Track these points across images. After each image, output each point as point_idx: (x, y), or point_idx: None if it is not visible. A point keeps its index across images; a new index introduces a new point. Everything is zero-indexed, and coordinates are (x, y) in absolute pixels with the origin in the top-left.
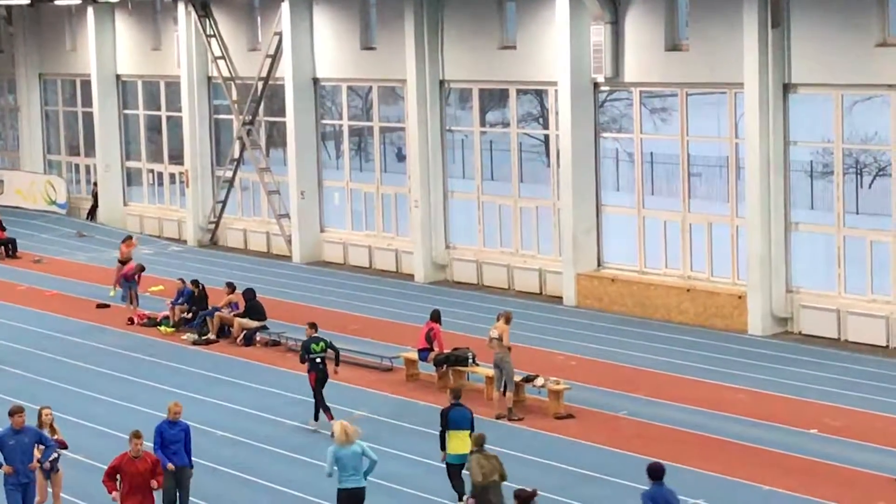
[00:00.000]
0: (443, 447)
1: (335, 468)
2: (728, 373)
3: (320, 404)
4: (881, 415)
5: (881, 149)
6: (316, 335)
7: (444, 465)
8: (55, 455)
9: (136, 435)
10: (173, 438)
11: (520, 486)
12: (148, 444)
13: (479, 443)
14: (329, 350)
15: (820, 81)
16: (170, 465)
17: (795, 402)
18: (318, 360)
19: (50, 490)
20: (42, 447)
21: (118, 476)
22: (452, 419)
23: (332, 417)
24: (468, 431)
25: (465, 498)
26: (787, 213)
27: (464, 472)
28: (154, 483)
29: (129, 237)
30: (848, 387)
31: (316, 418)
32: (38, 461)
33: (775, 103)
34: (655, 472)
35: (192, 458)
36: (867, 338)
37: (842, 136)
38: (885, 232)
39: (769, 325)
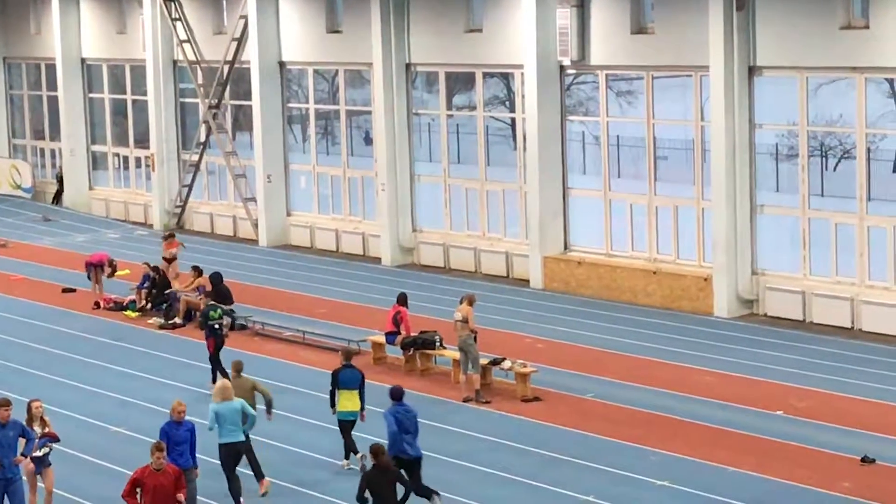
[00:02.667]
0: (332, 405)
1: (216, 424)
2: (694, 355)
3: (217, 368)
4: (846, 396)
5: (846, 131)
6: (213, 303)
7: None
8: (47, 449)
9: (159, 448)
10: (179, 439)
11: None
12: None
13: (237, 368)
14: (225, 317)
15: (785, 64)
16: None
17: (761, 384)
18: (217, 326)
19: (41, 484)
20: (27, 440)
21: (139, 490)
22: (342, 380)
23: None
24: (357, 391)
25: (359, 455)
26: (752, 196)
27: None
28: (181, 496)
29: (171, 235)
30: (813, 368)
31: (214, 381)
32: (23, 455)
33: (741, 86)
34: (396, 394)
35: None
36: (832, 319)
37: (807, 119)
38: (849, 214)
39: (735, 307)
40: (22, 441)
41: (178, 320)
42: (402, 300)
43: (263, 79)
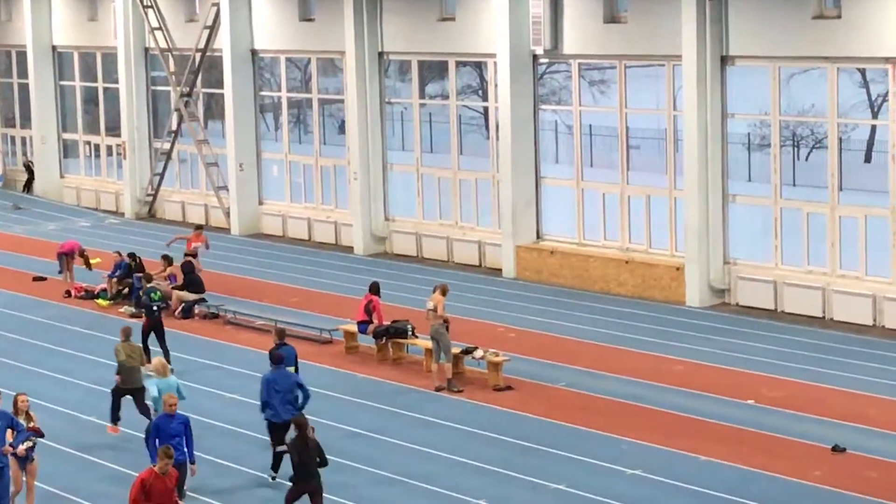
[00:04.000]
0: None
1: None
2: (666, 344)
3: (146, 347)
4: (818, 385)
5: (818, 121)
6: (151, 285)
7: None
8: (31, 443)
9: (168, 454)
10: (173, 432)
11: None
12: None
13: (126, 334)
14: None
15: (757, 54)
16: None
17: (732, 373)
18: (155, 308)
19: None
20: (15, 432)
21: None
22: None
23: (148, 361)
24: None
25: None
26: (724, 185)
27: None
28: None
29: (200, 227)
30: (784, 358)
31: (148, 361)
32: (11, 445)
33: (713, 76)
34: (275, 358)
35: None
36: (804, 309)
37: (779, 109)
38: (821, 204)
39: (707, 296)
40: (10, 432)
41: None
42: (375, 289)
43: (235, 67)
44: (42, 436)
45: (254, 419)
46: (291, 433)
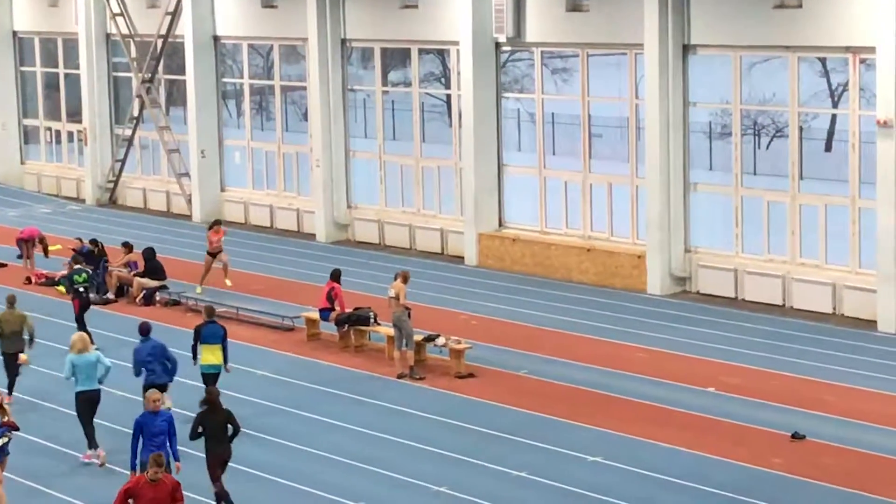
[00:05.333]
0: (195, 358)
1: (72, 374)
2: (627, 332)
3: (82, 329)
4: (778, 373)
5: (779, 109)
6: (79, 267)
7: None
8: (6, 438)
9: (158, 462)
10: (156, 430)
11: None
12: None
13: (10, 302)
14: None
15: (719, 43)
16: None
17: (693, 361)
18: (81, 289)
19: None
20: None
21: (130, 501)
22: (205, 334)
23: (92, 343)
24: (219, 345)
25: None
26: (685, 174)
27: None
28: None
29: (217, 223)
30: (745, 345)
31: (92, 343)
32: None
33: (675, 64)
34: (143, 329)
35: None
36: (764, 297)
37: (740, 98)
38: (782, 192)
39: (668, 284)
40: None
41: (110, 295)
42: (336, 276)
43: (197, 53)
44: (17, 429)
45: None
46: (203, 405)
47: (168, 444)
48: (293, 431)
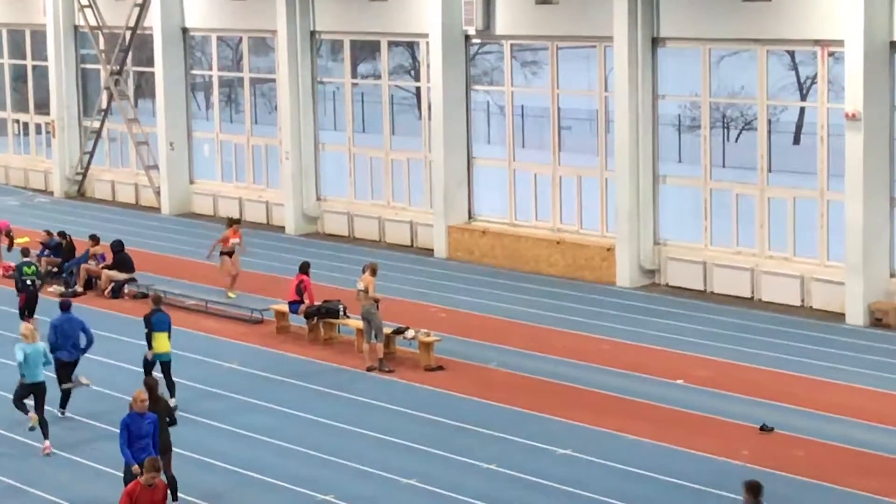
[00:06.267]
0: (150, 346)
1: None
2: (596, 324)
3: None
4: (746, 365)
5: (747, 102)
6: (28, 259)
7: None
8: None
9: (155, 467)
10: (143, 433)
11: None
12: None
13: None
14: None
15: (688, 36)
16: (135, 468)
17: (662, 353)
18: (29, 282)
19: None
20: None
21: None
22: (155, 322)
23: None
24: (167, 333)
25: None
26: (655, 167)
27: None
28: None
29: (235, 221)
30: (713, 338)
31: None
32: None
33: (644, 57)
34: (63, 305)
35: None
36: (732, 289)
37: (709, 91)
38: (750, 185)
39: (637, 277)
40: None
41: (78, 288)
42: (305, 269)
43: (166, 45)
44: None
45: (184, 395)
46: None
47: (153, 446)
48: (262, 424)
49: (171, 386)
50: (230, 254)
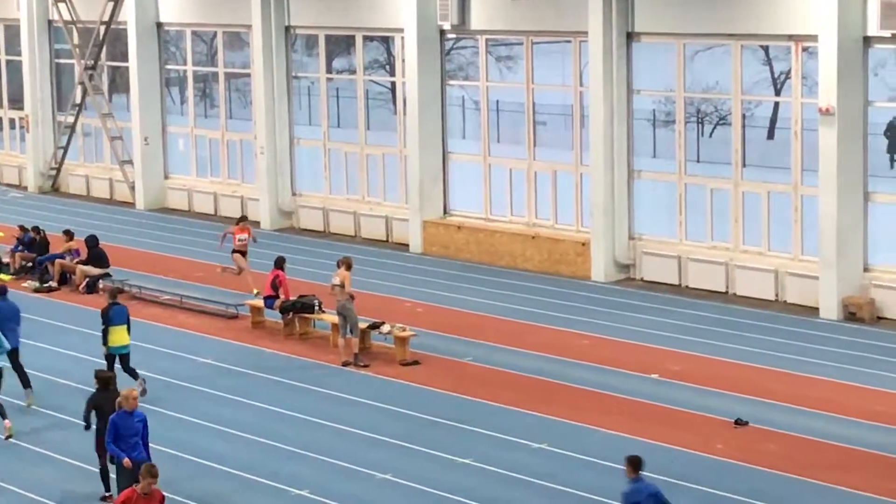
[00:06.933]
0: (105, 342)
1: None
2: (572, 319)
3: None
4: (720, 360)
5: (722, 97)
6: None
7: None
8: None
9: (152, 473)
10: (132, 431)
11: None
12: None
13: None
14: None
15: (663, 30)
16: (126, 461)
17: (637, 348)
18: None
19: None
20: None
21: None
22: (112, 316)
23: None
24: (125, 326)
25: (138, 381)
26: (629, 161)
27: None
28: None
29: (243, 218)
30: (688, 332)
31: None
32: None
33: (619, 52)
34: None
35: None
36: (707, 284)
37: (683, 85)
38: (725, 180)
39: (612, 271)
40: None
41: (52, 284)
42: (281, 264)
43: (140, 40)
44: None
45: (159, 390)
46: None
47: (142, 445)
48: (237, 419)
49: (132, 374)
50: (243, 252)
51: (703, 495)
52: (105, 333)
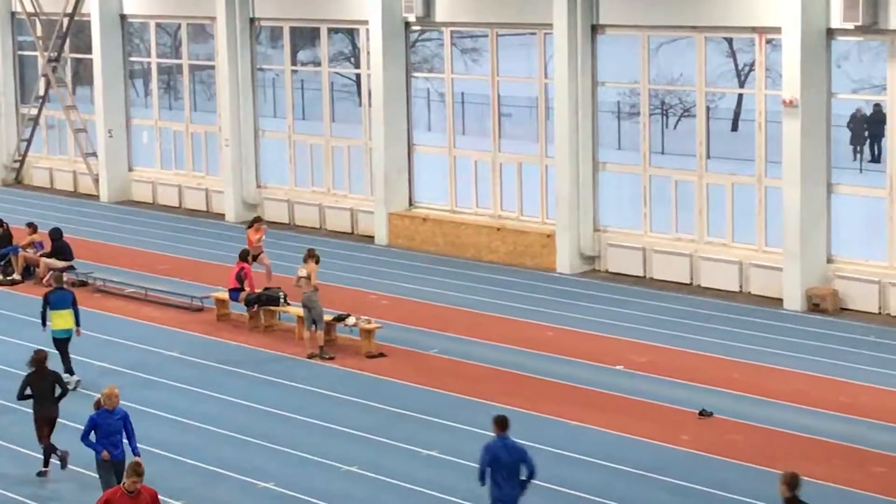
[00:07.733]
0: (43, 324)
1: None
2: (537, 310)
3: None
4: (685, 351)
5: (686, 89)
6: None
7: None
8: None
9: (137, 472)
10: (112, 429)
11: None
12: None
13: None
14: None
15: (627, 23)
16: (105, 454)
17: (602, 339)
18: None
19: None
20: None
21: None
22: (53, 301)
23: None
24: (69, 310)
25: (74, 377)
26: (594, 154)
27: None
28: None
29: (258, 220)
30: (653, 324)
31: None
32: None
33: (584, 44)
34: None
35: (125, 441)
36: (672, 275)
37: (648, 78)
38: (689, 172)
39: (577, 263)
40: None
41: (16, 276)
42: (246, 257)
43: (104, 32)
44: None
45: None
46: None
47: (123, 442)
48: (202, 412)
49: (67, 362)
50: (256, 256)
51: (668, 486)
52: (44, 316)
